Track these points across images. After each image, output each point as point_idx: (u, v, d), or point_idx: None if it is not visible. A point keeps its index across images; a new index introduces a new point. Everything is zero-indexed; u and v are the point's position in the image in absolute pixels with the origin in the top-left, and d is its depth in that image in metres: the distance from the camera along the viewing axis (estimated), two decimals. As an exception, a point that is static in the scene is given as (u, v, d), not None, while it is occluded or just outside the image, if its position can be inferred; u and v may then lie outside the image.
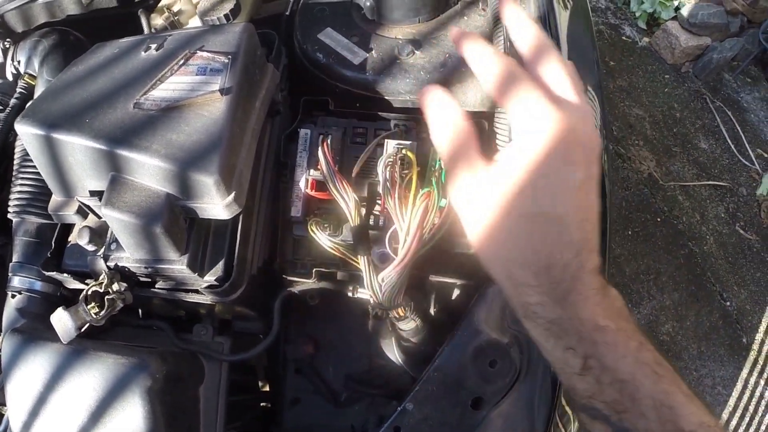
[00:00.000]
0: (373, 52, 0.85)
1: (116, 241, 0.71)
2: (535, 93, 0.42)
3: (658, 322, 2.21)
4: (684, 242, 2.40)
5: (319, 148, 0.69)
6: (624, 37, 3.00)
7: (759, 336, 2.22)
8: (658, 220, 2.45)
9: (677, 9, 2.82)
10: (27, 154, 0.84)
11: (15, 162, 0.85)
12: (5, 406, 0.93)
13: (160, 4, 1.02)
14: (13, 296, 0.82)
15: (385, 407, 0.96)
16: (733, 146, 2.65)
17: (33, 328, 0.78)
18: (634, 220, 2.42)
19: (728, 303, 2.28)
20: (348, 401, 0.97)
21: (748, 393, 2.11)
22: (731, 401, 2.10)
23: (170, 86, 0.66)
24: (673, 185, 2.53)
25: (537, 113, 0.42)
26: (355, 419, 0.97)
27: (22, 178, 0.83)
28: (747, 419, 2.06)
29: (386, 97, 0.83)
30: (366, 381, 0.96)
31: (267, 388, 1.08)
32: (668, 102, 2.78)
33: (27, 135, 0.66)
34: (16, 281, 0.82)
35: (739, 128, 2.71)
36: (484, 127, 0.80)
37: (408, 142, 0.70)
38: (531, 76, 0.44)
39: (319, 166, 0.70)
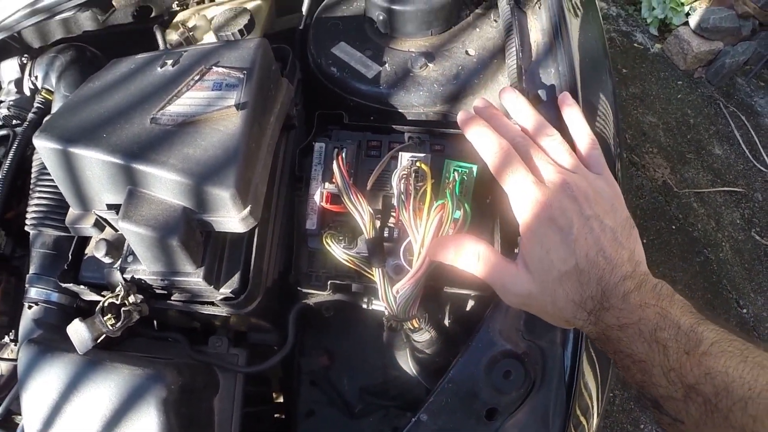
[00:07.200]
0: (387, 65, 0.85)
1: (133, 253, 0.71)
2: (523, 174, 0.58)
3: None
4: (699, 249, 2.38)
5: (334, 162, 0.70)
6: (636, 44, 2.99)
7: (777, 344, 2.19)
8: (673, 227, 2.43)
9: (688, 14, 2.81)
10: (44, 168, 0.85)
11: (32, 175, 0.86)
12: (19, 415, 0.94)
13: (175, 20, 1.04)
14: (30, 307, 0.83)
15: (400, 419, 0.95)
16: (747, 151, 2.63)
17: (49, 339, 0.78)
18: (649, 229, 2.40)
19: (745, 310, 2.25)
20: (362, 413, 0.96)
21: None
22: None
23: (186, 101, 0.66)
24: (687, 192, 2.51)
25: (525, 192, 0.57)
26: (370, 431, 0.97)
27: (39, 191, 0.84)
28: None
29: (400, 110, 0.83)
30: (380, 393, 0.96)
31: (281, 400, 1.08)
32: (681, 108, 2.77)
33: (45, 149, 0.67)
34: (33, 292, 0.83)
35: (753, 133, 2.68)
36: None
37: (422, 155, 0.69)
38: (521, 156, 0.59)
39: (333, 179, 0.70)
